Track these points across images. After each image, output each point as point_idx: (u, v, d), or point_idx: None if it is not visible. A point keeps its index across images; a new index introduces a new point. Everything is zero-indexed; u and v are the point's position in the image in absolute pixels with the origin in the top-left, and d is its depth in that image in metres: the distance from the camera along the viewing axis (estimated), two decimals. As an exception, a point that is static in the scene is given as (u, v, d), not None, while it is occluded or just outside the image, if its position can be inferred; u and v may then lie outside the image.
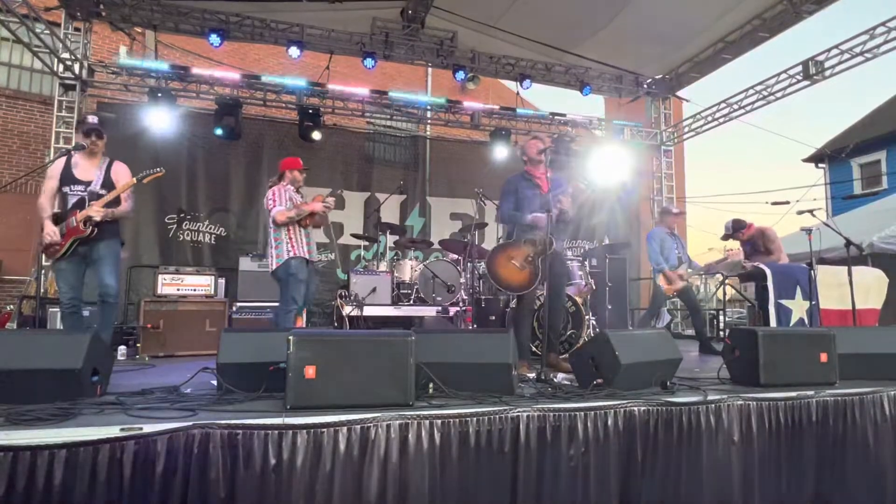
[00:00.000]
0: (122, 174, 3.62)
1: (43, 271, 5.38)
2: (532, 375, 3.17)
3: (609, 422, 2.41)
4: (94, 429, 1.89)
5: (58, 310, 5.22)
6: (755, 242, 5.58)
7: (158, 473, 1.88)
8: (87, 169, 3.57)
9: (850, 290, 4.76)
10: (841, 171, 14.69)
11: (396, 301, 6.19)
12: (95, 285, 3.57)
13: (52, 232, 3.40)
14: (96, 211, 3.43)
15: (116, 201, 3.55)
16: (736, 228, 5.63)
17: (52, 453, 1.77)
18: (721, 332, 8.10)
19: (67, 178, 3.52)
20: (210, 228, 7.61)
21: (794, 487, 2.71)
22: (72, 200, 3.50)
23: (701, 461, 2.54)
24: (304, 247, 4.22)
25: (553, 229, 3.65)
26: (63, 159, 3.58)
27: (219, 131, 7.18)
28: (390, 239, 6.82)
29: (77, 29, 7.03)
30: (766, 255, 5.44)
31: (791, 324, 4.88)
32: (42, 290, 5.74)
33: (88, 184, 3.52)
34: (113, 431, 1.87)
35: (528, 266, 3.88)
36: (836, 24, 8.11)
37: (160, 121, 6.88)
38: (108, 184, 3.56)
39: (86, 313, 5.20)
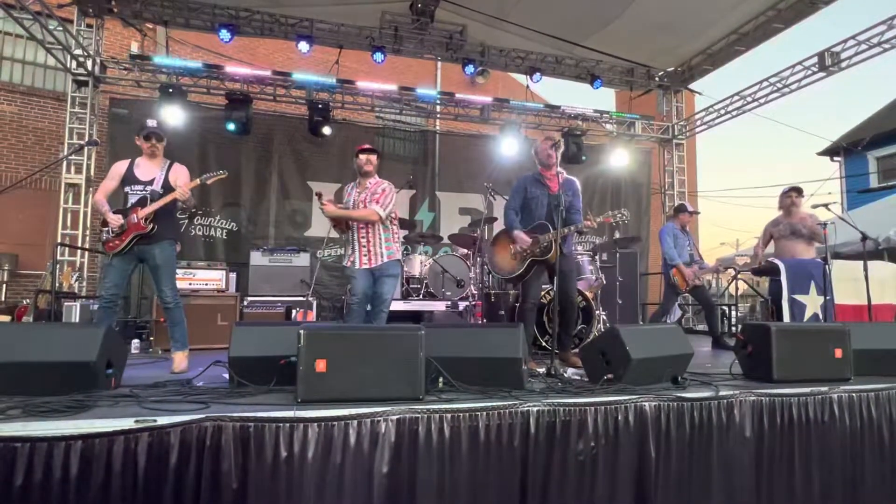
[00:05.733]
0: (181, 175, 3.70)
1: (58, 265, 5.46)
2: (542, 370, 3.17)
3: (619, 417, 2.40)
4: (109, 421, 1.91)
5: (73, 303, 5.32)
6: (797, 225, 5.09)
7: (172, 465, 1.90)
8: (148, 170, 3.65)
9: (865, 286, 4.68)
10: (857, 165, 14.44)
11: (406, 296, 6.20)
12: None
13: (116, 219, 3.47)
14: (181, 193, 3.48)
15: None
16: (796, 190, 5.16)
17: (69, 444, 1.80)
18: (733, 328, 8.03)
19: (129, 178, 3.61)
20: (221, 223, 7.67)
21: (806, 484, 2.68)
22: (132, 199, 3.57)
23: (713, 457, 2.52)
24: (354, 252, 3.92)
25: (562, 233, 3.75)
26: (126, 162, 3.69)
27: (229, 126, 7.21)
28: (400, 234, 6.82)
29: (89, 25, 7.08)
30: (807, 242, 4.99)
31: (805, 319, 4.81)
32: (57, 284, 5.82)
33: (148, 183, 3.59)
34: (127, 423, 1.90)
35: (520, 260, 3.95)
36: (852, 15, 7.96)
37: (171, 116, 6.92)
38: (167, 184, 3.62)
39: (94, 307, 5.29)
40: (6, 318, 6.62)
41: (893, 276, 5.65)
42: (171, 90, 6.98)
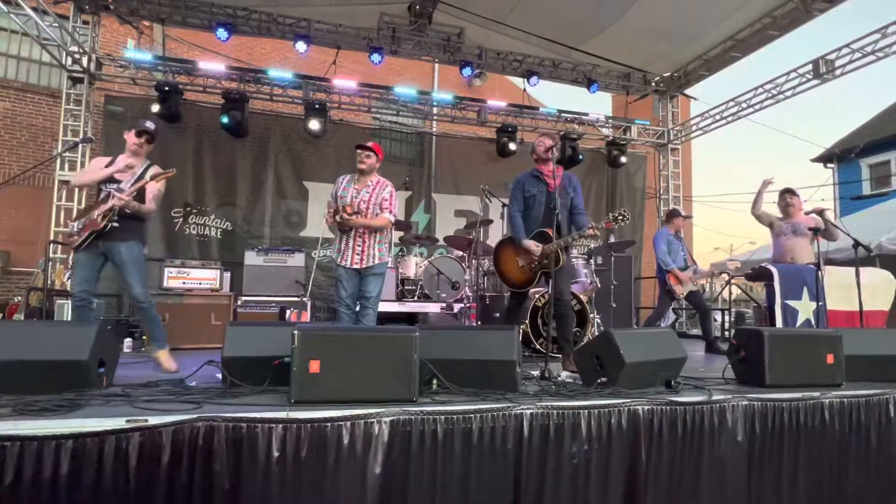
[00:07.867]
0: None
1: (50, 263, 5.41)
2: (536, 373, 3.17)
3: (612, 420, 2.40)
4: (101, 420, 1.90)
5: (65, 301, 5.28)
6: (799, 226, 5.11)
7: (163, 465, 1.89)
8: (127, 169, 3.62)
9: (857, 292, 4.71)
10: (850, 172, 14.55)
11: (401, 297, 6.20)
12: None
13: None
14: (118, 199, 3.41)
15: (140, 198, 3.56)
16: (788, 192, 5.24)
17: (59, 444, 1.78)
18: (727, 333, 8.06)
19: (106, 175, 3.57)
20: (216, 222, 7.63)
21: (797, 489, 2.69)
22: (101, 196, 3.55)
23: (704, 461, 2.53)
24: (348, 251, 3.92)
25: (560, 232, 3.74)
26: (107, 159, 3.66)
27: (225, 124, 7.19)
28: (395, 235, 6.82)
29: (85, 22, 7.06)
30: (808, 242, 4.97)
31: (798, 325, 4.84)
32: (49, 282, 5.78)
33: (121, 181, 3.55)
34: (119, 423, 1.88)
35: (529, 271, 3.93)
36: (847, 23, 8.02)
37: (166, 115, 6.89)
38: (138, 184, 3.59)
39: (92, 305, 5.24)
40: (-3, 316, 6.57)
41: (885, 283, 5.68)
42: (166, 88, 6.95)
